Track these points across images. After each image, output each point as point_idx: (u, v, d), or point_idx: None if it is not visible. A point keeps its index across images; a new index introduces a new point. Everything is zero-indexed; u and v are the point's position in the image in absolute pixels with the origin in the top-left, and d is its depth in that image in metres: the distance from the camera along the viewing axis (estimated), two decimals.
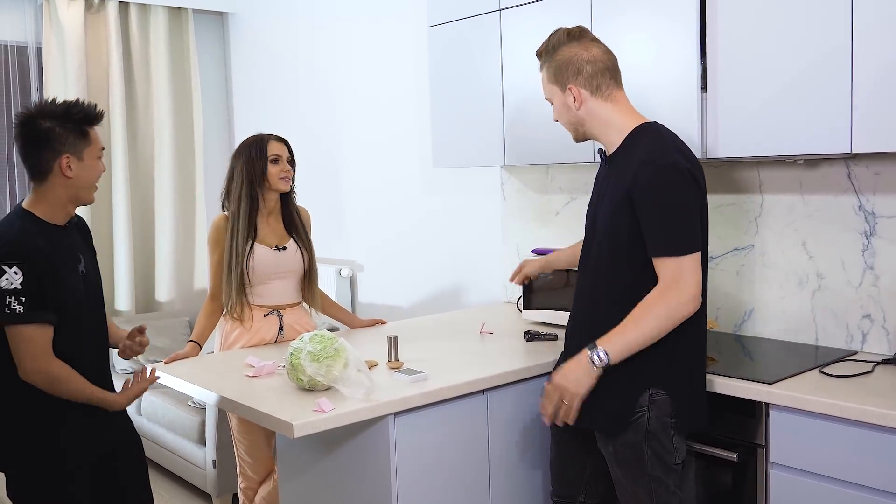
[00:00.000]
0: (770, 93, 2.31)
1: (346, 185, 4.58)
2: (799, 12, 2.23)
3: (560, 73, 2.15)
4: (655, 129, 2.15)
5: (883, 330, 2.48)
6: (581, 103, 2.15)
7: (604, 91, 2.14)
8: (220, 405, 2.36)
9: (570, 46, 2.16)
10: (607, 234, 2.14)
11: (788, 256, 2.68)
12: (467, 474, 2.36)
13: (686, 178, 2.04)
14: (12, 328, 2.09)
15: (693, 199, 2.06)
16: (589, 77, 2.13)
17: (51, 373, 2.12)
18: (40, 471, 2.19)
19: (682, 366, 2.12)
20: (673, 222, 2.03)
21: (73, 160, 2.16)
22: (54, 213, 2.20)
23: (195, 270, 5.24)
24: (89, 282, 2.29)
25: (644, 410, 2.09)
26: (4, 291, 2.05)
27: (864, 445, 2.00)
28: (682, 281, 2.01)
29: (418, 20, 3.87)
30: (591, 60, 2.14)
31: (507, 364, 2.48)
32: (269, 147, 2.93)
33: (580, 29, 2.20)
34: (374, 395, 2.18)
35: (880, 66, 2.10)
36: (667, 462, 2.11)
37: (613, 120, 2.15)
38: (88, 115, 2.19)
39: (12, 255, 2.06)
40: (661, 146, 2.08)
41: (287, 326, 2.98)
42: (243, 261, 2.88)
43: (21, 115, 2.19)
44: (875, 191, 2.47)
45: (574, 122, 2.19)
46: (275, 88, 5.06)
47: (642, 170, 2.03)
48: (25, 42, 4.77)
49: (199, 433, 3.80)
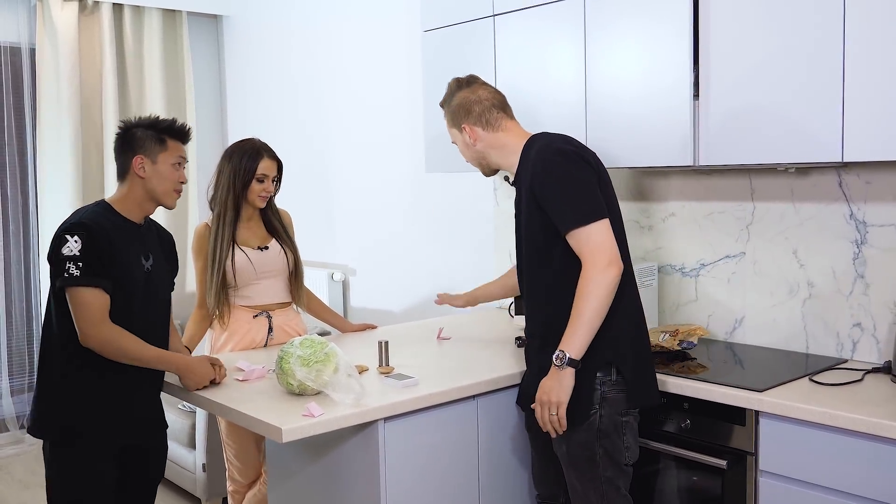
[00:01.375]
0: (762, 101, 2.31)
1: (339, 190, 4.57)
2: (791, 21, 2.24)
3: (455, 116, 2.40)
4: (542, 134, 2.34)
5: (873, 338, 2.49)
6: (476, 139, 2.37)
7: (493, 124, 2.36)
8: (210, 409, 2.35)
9: (461, 92, 2.40)
10: (527, 239, 2.29)
11: (779, 264, 2.69)
12: (457, 479, 2.36)
13: (574, 157, 2.20)
14: (71, 291, 2.21)
15: (586, 173, 2.19)
16: (478, 115, 2.36)
17: (105, 335, 2.21)
18: (74, 444, 2.30)
19: (623, 339, 2.21)
20: (572, 196, 2.16)
21: (147, 162, 2.34)
22: (130, 210, 2.37)
23: (187, 273, 5.21)
24: (152, 282, 2.39)
25: (596, 409, 2.16)
26: (65, 257, 2.20)
27: (853, 454, 2.00)
28: (595, 249, 2.11)
29: (412, 25, 3.87)
30: (478, 101, 2.36)
31: (497, 369, 2.47)
32: (259, 164, 2.90)
33: (469, 76, 2.45)
34: (364, 400, 2.17)
35: (872, 74, 2.10)
36: (618, 462, 2.19)
37: (508, 144, 2.35)
38: (172, 127, 2.40)
39: (75, 227, 2.23)
40: (547, 142, 2.26)
41: (277, 328, 2.98)
42: (224, 262, 2.88)
43: (119, 125, 2.42)
44: (866, 199, 2.48)
45: (476, 156, 2.41)
46: (268, 91, 5.05)
47: (535, 164, 2.22)
48: (19, 43, 4.75)
49: (188, 437, 3.79)
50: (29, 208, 4.86)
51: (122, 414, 2.34)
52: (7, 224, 4.79)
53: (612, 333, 2.17)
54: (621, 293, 2.17)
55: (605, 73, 2.68)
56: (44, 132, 4.70)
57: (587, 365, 2.15)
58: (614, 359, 2.18)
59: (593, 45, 2.70)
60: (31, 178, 4.82)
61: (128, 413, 2.36)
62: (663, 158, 2.55)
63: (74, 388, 2.29)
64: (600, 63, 2.69)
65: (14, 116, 4.78)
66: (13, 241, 4.81)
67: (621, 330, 2.20)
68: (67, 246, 2.20)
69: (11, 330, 4.84)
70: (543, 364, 2.18)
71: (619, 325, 2.18)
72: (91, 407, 2.29)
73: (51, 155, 4.72)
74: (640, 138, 2.59)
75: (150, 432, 2.48)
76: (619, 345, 2.19)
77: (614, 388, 2.17)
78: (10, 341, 4.83)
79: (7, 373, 4.82)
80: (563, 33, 2.78)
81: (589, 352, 2.12)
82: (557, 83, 2.81)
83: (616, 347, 2.19)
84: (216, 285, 2.88)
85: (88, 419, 2.29)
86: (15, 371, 4.87)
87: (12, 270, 4.81)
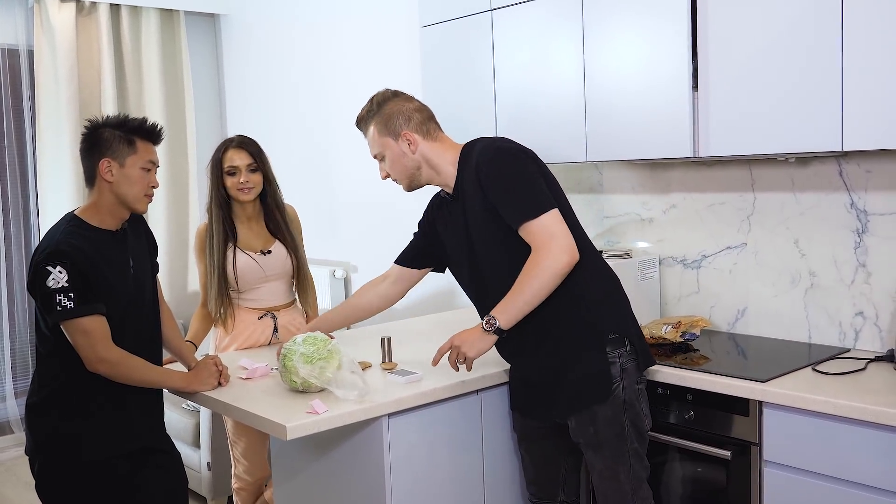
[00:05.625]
0: (761, 91, 2.31)
1: (340, 186, 4.57)
2: (789, 10, 2.24)
3: (391, 124, 2.31)
4: (477, 140, 2.32)
5: (875, 327, 2.49)
6: (416, 147, 2.30)
7: (432, 134, 2.33)
8: (214, 408, 2.35)
9: (394, 101, 2.33)
10: (490, 249, 2.25)
11: (781, 255, 2.69)
12: (462, 475, 2.36)
13: (517, 153, 2.21)
14: (68, 324, 2.14)
15: (532, 167, 2.20)
16: (419, 123, 2.31)
17: (112, 358, 2.17)
18: (60, 460, 2.24)
19: (623, 310, 2.29)
20: (520, 190, 2.15)
21: (114, 165, 2.21)
22: (103, 219, 2.26)
23: (188, 273, 5.22)
24: (138, 280, 2.33)
25: (618, 381, 2.19)
26: (53, 290, 2.11)
27: (857, 443, 2.00)
28: (550, 238, 2.11)
29: (410, 20, 3.87)
30: (419, 109, 2.34)
31: (500, 364, 2.47)
32: (224, 157, 2.88)
33: (395, 90, 2.38)
34: (368, 396, 2.17)
35: (871, 63, 2.10)
36: (641, 431, 2.24)
37: (445, 155, 2.31)
38: (142, 127, 2.27)
39: (53, 256, 2.13)
40: (485, 144, 2.25)
41: (282, 328, 2.98)
42: (223, 266, 2.87)
43: (85, 125, 2.28)
44: (867, 188, 2.48)
45: (410, 167, 2.33)
46: (267, 90, 5.05)
47: (480, 162, 2.20)
48: (16, 45, 4.74)
49: (193, 436, 3.79)
50: (30, 210, 4.86)
51: (120, 420, 2.28)
52: (8, 226, 4.79)
53: (617, 309, 2.27)
54: (599, 271, 2.27)
55: (604, 66, 2.67)
56: (43, 134, 4.70)
57: (596, 343, 2.19)
58: (625, 330, 2.23)
59: (592, 38, 2.69)
60: (32, 179, 4.82)
61: (126, 419, 2.29)
62: (663, 150, 2.55)
63: (48, 410, 2.23)
64: (599, 56, 2.68)
65: (13, 118, 4.78)
66: (14, 242, 4.81)
67: (621, 302, 2.30)
68: (53, 278, 2.10)
69: (14, 332, 4.84)
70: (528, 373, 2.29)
71: (615, 299, 2.29)
72: (65, 424, 2.23)
73: (50, 156, 4.72)
74: (640, 131, 2.59)
75: (142, 444, 2.35)
76: (626, 316, 2.28)
77: (629, 358, 2.22)
78: (13, 343, 4.84)
79: (10, 375, 4.82)
80: (561, 27, 2.77)
81: (596, 330, 2.19)
82: (556, 77, 2.81)
83: (623, 320, 2.26)
84: (216, 288, 2.88)
85: (66, 436, 2.22)
86: (18, 373, 4.87)
87: (14, 272, 4.81)
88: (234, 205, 2.92)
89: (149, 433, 2.38)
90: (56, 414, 2.24)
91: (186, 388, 2.33)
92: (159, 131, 2.31)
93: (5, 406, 4.83)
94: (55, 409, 2.24)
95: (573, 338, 2.21)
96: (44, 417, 2.25)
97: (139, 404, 2.33)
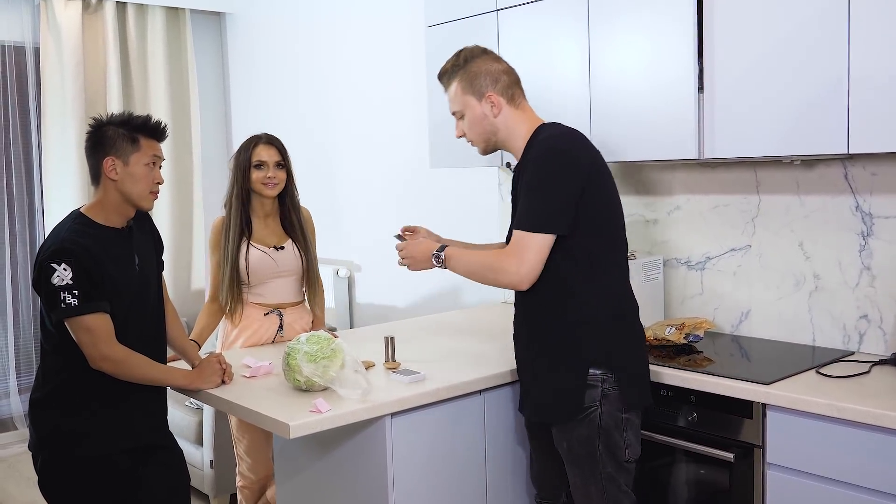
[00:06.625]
0: (767, 93, 2.31)
1: (344, 185, 4.57)
2: (795, 12, 2.23)
3: (477, 82, 2.23)
4: (551, 125, 2.25)
5: (880, 330, 2.49)
6: (500, 111, 2.23)
7: (516, 101, 2.25)
8: (218, 406, 2.36)
9: (484, 59, 2.25)
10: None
11: (785, 257, 2.68)
12: (464, 474, 2.36)
13: (565, 165, 2.11)
14: (72, 321, 2.14)
15: (571, 183, 2.10)
16: (505, 87, 2.23)
17: (115, 356, 2.17)
18: (62, 456, 2.24)
19: (617, 341, 2.19)
20: (537, 199, 2.11)
21: (119, 163, 2.22)
22: (108, 216, 2.26)
23: (192, 271, 5.23)
24: (144, 277, 2.33)
25: (596, 406, 2.14)
26: (58, 288, 2.11)
27: (860, 446, 2.00)
28: (520, 254, 2.10)
29: (415, 20, 3.87)
30: (507, 71, 2.25)
31: (504, 364, 2.47)
32: (254, 152, 2.93)
33: (484, 47, 2.30)
34: (371, 395, 2.18)
35: (877, 66, 2.10)
36: (618, 458, 2.17)
37: (521, 127, 2.24)
38: (146, 125, 2.27)
39: (58, 254, 2.13)
40: (549, 135, 2.18)
41: (287, 326, 2.99)
42: (237, 258, 2.89)
43: (90, 123, 2.29)
44: (872, 191, 2.47)
45: (489, 130, 2.26)
46: (272, 88, 5.05)
47: (533, 156, 2.16)
48: (23, 42, 4.75)
49: (196, 433, 3.80)
50: (35, 207, 4.87)
51: (122, 418, 2.28)
52: (13, 223, 4.80)
53: (611, 339, 2.18)
54: (611, 292, 2.19)
55: (610, 67, 2.67)
56: (48, 131, 4.71)
57: (576, 360, 2.15)
58: (612, 363, 2.16)
59: (597, 38, 2.69)
60: (37, 177, 4.83)
61: (127, 416, 2.29)
62: (668, 152, 2.54)
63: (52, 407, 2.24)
64: (604, 57, 2.68)
65: (19, 116, 4.79)
66: (19, 239, 4.82)
67: (623, 333, 2.21)
68: (57, 275, 2.11)
69: (19, 328, 4.85)
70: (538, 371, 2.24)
71: (615, 328, 2.19)
72: (66, 421, 2.23)
73: (56, 154, 4.73)
74: (645, 132, 2.59)
75: (144, 442, 2.34)
76: (622, 349, 2.19)
77: (615, 386, 2.16)
78: (17, 340, 4.85)
79: (14, 371, 4.83)
80: (566, 27, 2.77)
81: (580, 348, 2.15)
82: (561, 77, 2.81)
83: (618, 351, 2.18)
84: (228, 280, 2.90)
85: (67, 433, 2.23)
86: (23, 369, 4.88)
87: (19, 269, 4.83)
88: (254, 200, 2.96)
89: (151, 431, 2.38)
90: (59, 410, 2.25)
91: (190, 386, 2.34)
92: (163, 129, 2.31)
93: (9, 402, 4.84)
94: (58, 405, 2.25)
95: (557, 351, 2.19)
96: (47, 413, 2.26)
97: (142, 402, 2.33)
